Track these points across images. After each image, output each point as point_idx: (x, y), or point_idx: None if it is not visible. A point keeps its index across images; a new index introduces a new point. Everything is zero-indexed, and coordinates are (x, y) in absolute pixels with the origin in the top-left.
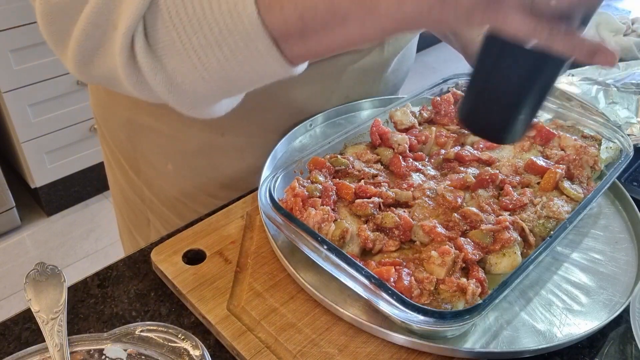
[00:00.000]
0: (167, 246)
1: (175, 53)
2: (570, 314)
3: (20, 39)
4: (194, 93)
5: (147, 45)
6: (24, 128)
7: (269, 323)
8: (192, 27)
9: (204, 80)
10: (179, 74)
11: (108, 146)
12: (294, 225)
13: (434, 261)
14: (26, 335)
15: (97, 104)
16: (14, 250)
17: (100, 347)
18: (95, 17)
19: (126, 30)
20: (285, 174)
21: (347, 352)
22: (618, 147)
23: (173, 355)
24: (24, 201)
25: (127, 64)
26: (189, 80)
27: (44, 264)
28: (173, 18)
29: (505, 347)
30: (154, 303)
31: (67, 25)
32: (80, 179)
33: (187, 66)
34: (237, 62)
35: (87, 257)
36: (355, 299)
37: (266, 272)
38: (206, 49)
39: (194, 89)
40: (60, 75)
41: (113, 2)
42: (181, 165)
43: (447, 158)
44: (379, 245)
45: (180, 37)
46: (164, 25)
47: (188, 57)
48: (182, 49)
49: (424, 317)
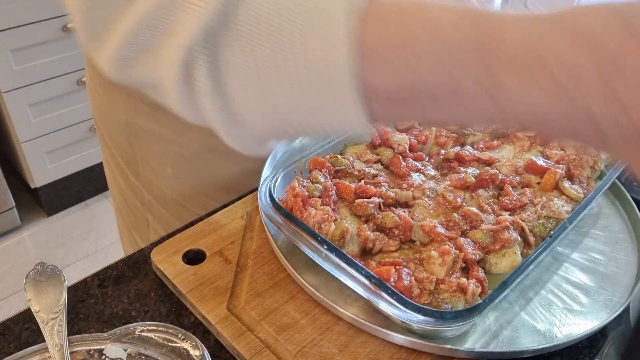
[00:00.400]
0: (167, 246)
1: (244, 82)
2: (570, 314)
3: (20, 39)
4: (251, 128)
5: (211, 64)
6: (24, 128)
7: (269, 323)
8: (275, 60)
9: (267, 118)
10: (241, 105)
11: (107, 148)
12: (294, 225)
13: (434, 261)
14: (26, 335)
15: (97, 107)
16: (14, 250)
17: (100, 347)
18: (152, 17)
19: (187, 43)
20: (285, 174)
21: (347, 352)
22: None
23: (173, 355)
24: (24, 201)
25: (181, 79)
26: (251, 114)
27: (44, 264)
28: (254, 45)
29: (505, 347)
30: (154, 303)
31: (109, 17)
32: (80, 179)
33: (255, 99)
34: (314, 109)
35: (87, 257)
36: (355, 299)
37: (266, 272)
38: (284, 87)
39: (253, 124)
40: (60, 75)
41: (175, 4)
42: (181, 169)
43: (447, 158)
44: (379, 245)
45: (257, 67)
46: (240, 48)
47: (260, 91)
48: (255, 80)
49: (424, 317)
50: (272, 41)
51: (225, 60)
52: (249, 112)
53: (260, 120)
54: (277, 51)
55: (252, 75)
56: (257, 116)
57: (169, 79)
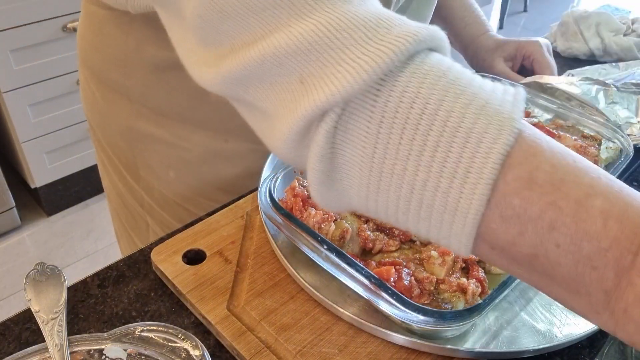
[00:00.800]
0: (167, 246)
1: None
2: (570, 313)
3: (20, 39)
4: (345, 198)
5: (335, 130)
6: (24, 128)
7: (269, 323)
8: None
9: (365, 203)
10: (345, 180)
11: (104, 152)
12: (294, 225)
13: (434, 261)
14: (26, 335)
15: (93, 110)
16: (14, 250)
17: (100, 347)
18: (286, 57)
19: (325, 105)
20: (285, 174)
21: (347, 352)
22: (618, 147)
23: (173, 355)
24: (24, 201)
25: (299, 132)
26: (350, 192)
27: (44, 264)
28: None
29: (505, 347)
30: (154, 303)
31: (230, 34)
32: (80, 179)
33: (362, 184)
34: (421, 220)
35: (87, 257)
36: (355, 299)
37: (266, 272)
38: (399, 200)
39: (349, 198)
40: (60, 75)
41: (321, 53)
42: (183, 172)
43: None
44: (379, 245)
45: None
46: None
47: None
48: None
49: (424, 317)
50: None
51: (350, 130)
52: (349, 188)
53: (357, 201)
54: (411, 153)
55: (366, 160)
56: (355, 196)
57: (289, 127)
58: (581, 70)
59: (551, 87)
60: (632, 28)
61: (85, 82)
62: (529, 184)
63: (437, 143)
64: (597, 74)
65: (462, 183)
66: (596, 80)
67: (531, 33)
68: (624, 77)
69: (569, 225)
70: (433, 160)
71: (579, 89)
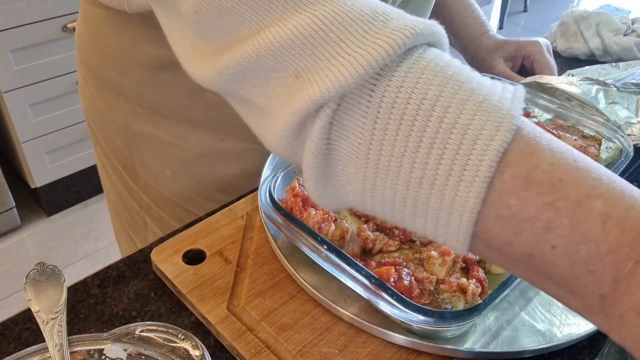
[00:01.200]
0: (167, 246)
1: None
2: (570, 313)
3: (20, 39)
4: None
5: (331, 125)
6: (24, 128)
7: (269, 323)
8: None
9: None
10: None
11: (103, 152)
12: (294, 225)
13: (434, 261)
14: (26, 335)
15: (92, 109)
16: (14, 250)
17: (100, 347)
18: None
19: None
20: (285, 174)
21: (347, 352)
22: (618, 147)
23: (173, 355)
24: (24, 201)
25: (294, 128)
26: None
27: (44, 264)
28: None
29: (505, 347)
30: (154, 303)
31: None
32: (80, 179)
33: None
34: (414, 227)
35: (87, 257)
36: (355, 299)
37: (266, 272)
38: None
39: (346, 194)
40: (61, 75)
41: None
42: (180, 172)
43: None
44: (379, 245)
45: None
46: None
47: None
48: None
49: (424, 317)
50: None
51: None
52: (345, 184)
53: (353, 198)
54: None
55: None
56: (352, 193)
57: (282, 121)
58: (581, 70)
59: (551, 87)
60: (632, 28)
61: (84, 82)
62: (527, 183)
63: (434, 139)
64: (597, 74)
65: (458, 181)
66: (596, 80)
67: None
68: (624, 77)
69: (566, 227)
70: (429, 157)
71: (579, 89)
